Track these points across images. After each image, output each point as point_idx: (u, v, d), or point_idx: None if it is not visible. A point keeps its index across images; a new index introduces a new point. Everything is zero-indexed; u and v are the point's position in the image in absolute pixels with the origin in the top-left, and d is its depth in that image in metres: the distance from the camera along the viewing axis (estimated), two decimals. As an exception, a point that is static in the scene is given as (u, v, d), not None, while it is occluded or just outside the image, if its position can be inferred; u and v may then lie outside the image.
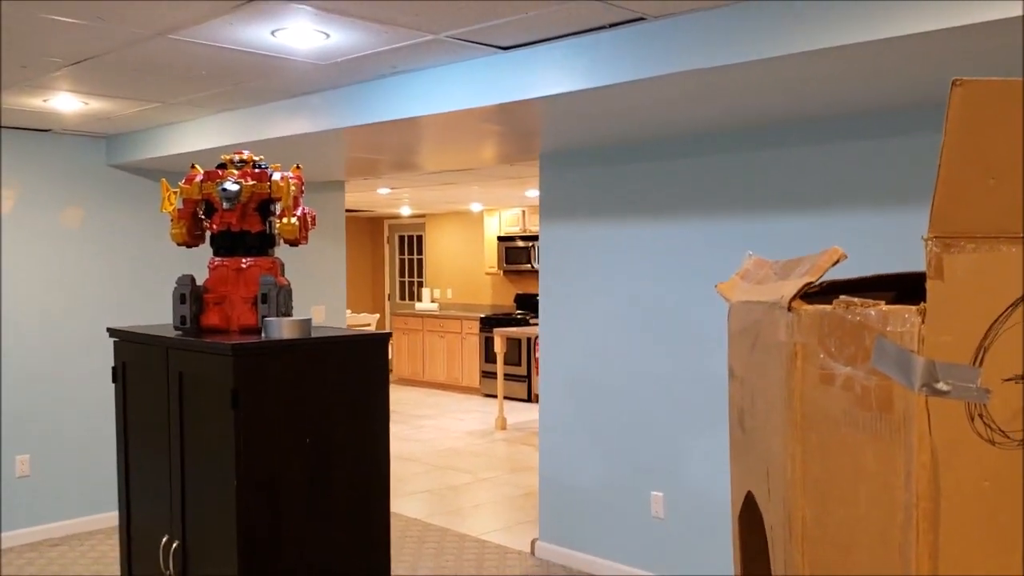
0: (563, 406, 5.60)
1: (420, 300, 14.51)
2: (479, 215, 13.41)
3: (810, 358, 1.51)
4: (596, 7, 3.21)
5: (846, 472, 1.46)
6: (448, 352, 13.16)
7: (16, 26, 3.48)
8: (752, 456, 1.82)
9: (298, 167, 3.16)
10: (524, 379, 11.90)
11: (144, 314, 6.09)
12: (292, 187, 3.04)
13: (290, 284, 3.09)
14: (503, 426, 10.12)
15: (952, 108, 1.26)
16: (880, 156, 4.16)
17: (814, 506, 1.53)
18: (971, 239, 1.30)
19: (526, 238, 12.56)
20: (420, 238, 14.89)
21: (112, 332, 3.30)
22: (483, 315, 12.79)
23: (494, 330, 10.57)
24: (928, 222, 1.30)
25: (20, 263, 5.95)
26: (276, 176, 3.06)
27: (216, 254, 3.12)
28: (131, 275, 6.41)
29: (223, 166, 3.08)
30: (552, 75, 3.69)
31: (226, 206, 3.01)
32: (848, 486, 1.46)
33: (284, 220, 3.04)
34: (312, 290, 7.34)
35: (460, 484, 7.71)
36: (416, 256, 15.06)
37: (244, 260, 3.08)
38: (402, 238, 15.32)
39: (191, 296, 3.01)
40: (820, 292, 1.72)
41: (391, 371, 12.04)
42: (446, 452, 8.99)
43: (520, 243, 12.70)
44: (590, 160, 5.38)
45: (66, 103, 5.00)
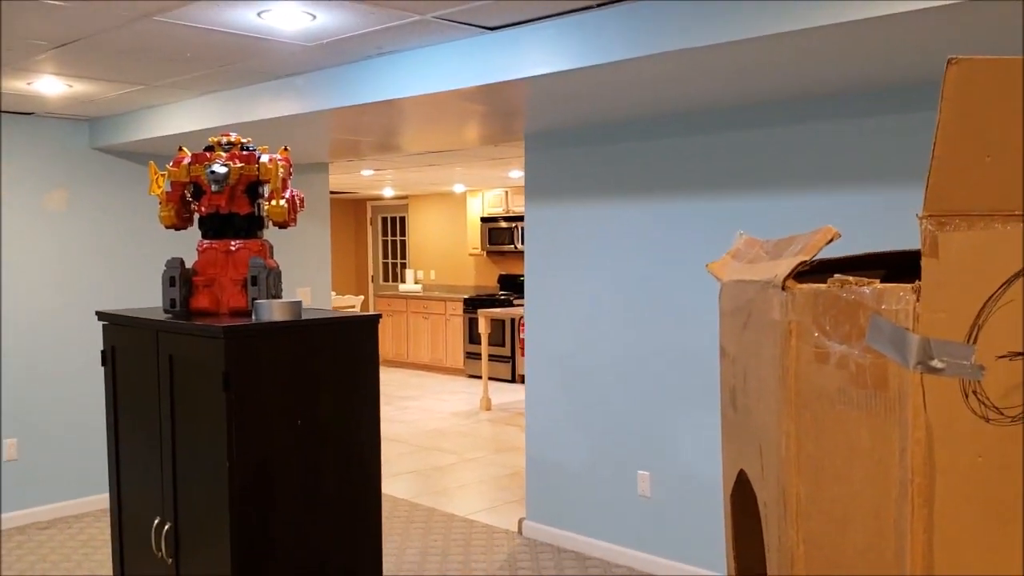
0: (549, 386, 5.62)
1: (404, 282, 14.49)
2: (462, 196, 13.39)
3: (804, 336, 1.52)
4: (583, -13, 3.21)
5: (840, 449, 1.48)
6: (432, 333, 13.16)
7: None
8: (745, 434, 1.84)
9: (286, 149, 3.15)
10: (508, 360, 11.92)
11: (131, 297, 6.06)
12: (280, 169, 3.03)
13: (279, 266, 3.09)
14: (488, 407, 10.14)
15: (948, 86, 1.26)
16: (868, 134, 4.17)
17: (808, 483, 1.54)
18: (966, 217, 1.31)
19: (509, 219, 12.55)
20: (403, 219, 14.86)
21: (101, 315, 3.29)
22: (467, 296, 12.79)
23: (478, 311, 10.58)
24: (923, 200, 1.31)
25: (5, 247, 5.91)
26: (264, 158, 3.04)
27: (205, 237, 3.11)
28: (118, 258, 6.38)
29: (211, 148, 3.06)
30: (539, 55, 3.69)
31: (214, 188, 2.99)
32: (842, 463, 1.48)
33: (273, 202, 3.03)
34: (297, 272, 7.33)
35: (446, 464, 7.73)
36: (399, 237, 15.04)
37: (233, 243, 3.07)
38: (385, 219, 15.28)
39: (180, 279, 3.00)
40: (811, 271, 1.73)
41: (375, 353, 12.04)
42: (431, 433, 9.01)
43: (503, 224, 12.69)
44: (576, 140, 5.38)
45: (50, 86, 4.96)
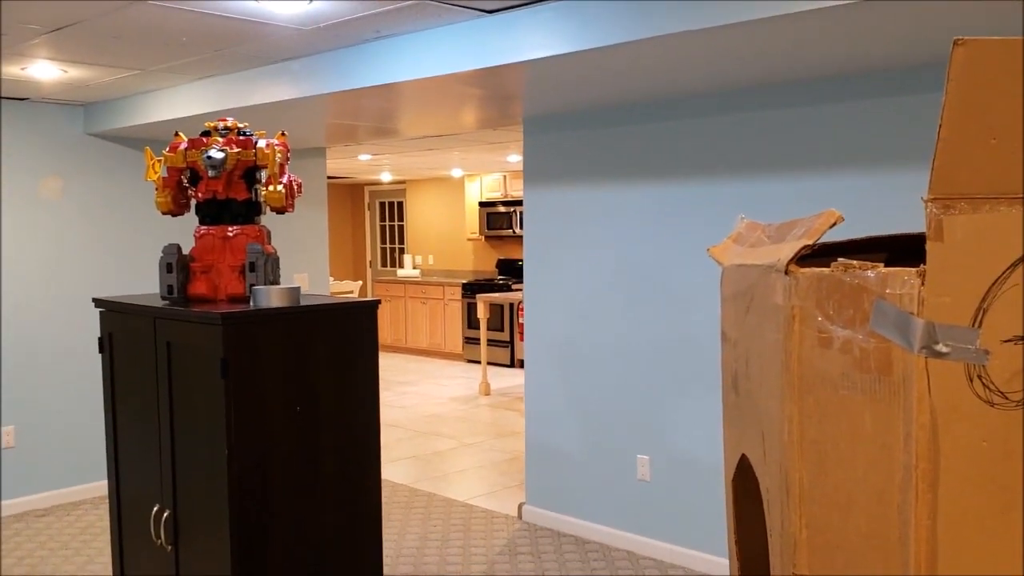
0: (548, 370, 5.61)
1: (402, 267, 14.47)
2: (460, 181, 13.36)
3: (808, 321, 1.51)
4: (582, -31, 3.18)
5: (844, 434, 1.47)
6: (430, 318, 13.15)
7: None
8: (747, 419, 1.83)
9: (283, 134, 3.13)
10: (507, 344, 11.92)
11: (129, 284, 6.05)
12: (278, 154, 3.01)
13: (277, 252, 3.08)
14: (487, 391, 10.14)
15: (953, 68, 1.25)
16: (870, 117, 4.15)
17: (811, 468, 1.53)
18: (971, 200, 1.30)
19: (507, 203, 12.53)
20: (401, 204, 14.83)
21: (98, 302, 3.28)
22: (465, 281, 12.78)
23: (477, 296, 10.56)
24: (928, 183, 1.30)
25: (1, 234, 5.90)
26: (261, 143, 3.03)
27: (202, 223, 3.09)
28: (115, 244, 6.36)
29: (207, 133, 3.05)
30: (536, 39, 3.66)
31: (211, 174, 2.98)
32: (846, 448, 1.47)
33: (270, 188, 3.02)
34: (295, 258, 7.32)
35: (445, 449, 7.73)
36: (397, 223, 15.01)
37: (230, 228, 3.05)
38: (383, 204, 15.25)
39: (177, 265, 2.99)
40: (814, 255, 1.71)
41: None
42: (430, 418, 9.01)
43: (501, 208, 12.67)
44: (575, 124, 5.36)
45: (44, 71, 4.92)
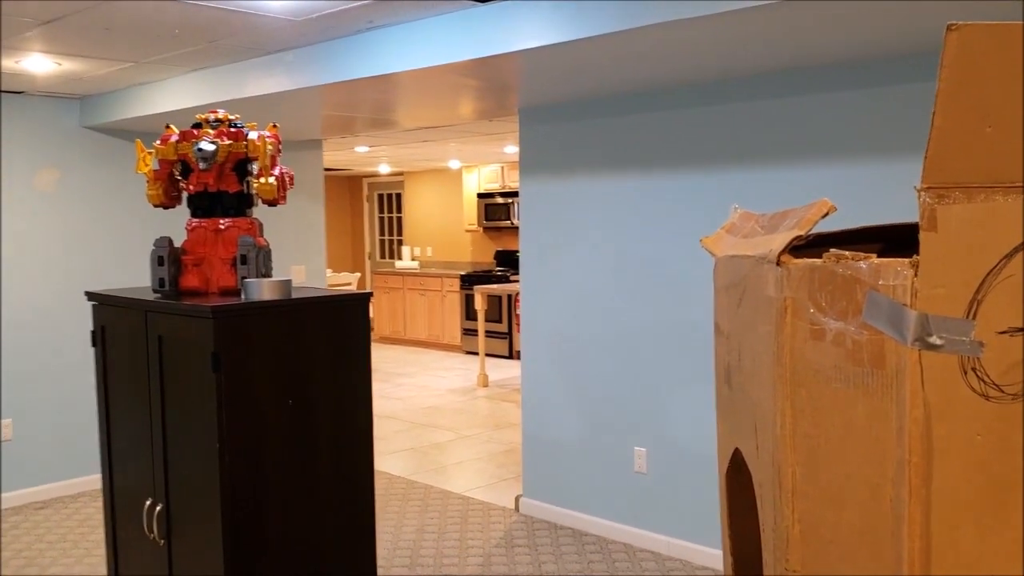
0: (545, 362, 5.59)
1: (400, 258, 14.45)
2: (458, 172, 13.33)
3: (800, 313, 1.49)
4: (576, -42, 3.15)
5: (837, 428, 1.45)
6: (429, 310, 13.13)
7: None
8: (739, 413, 1.81)
9: (274, 126, 3.11)
10: (505, 336, 11.90)
11: (125, 276, 6.03)
12: (269, 146, 2.98)
13: (269, 245, 3.05)
14: (485, 383, 10.13)
15: (947, 54, 1.22)
16: (867, 106, 4.13)
17: (804, 462, 1.51)
18: (966, 189, 1.28)
19: (505, 194, 12.50)
20: (399, 196, 14.80)
21: (90, 296, 3.25)
22: (463, 272, 12.75)
23: (474, 287, 10.54)
24: (921, 172, 1.27)
25: (1, 227, 5.87)
26: (252, 135, 3.00)
27: (194, 215, 3.07)
28: (109, 237, 6.34)
29: (198, 126, 3.02)
30: (531, 28, 3.63)
31: (202, 166, 2.95)
32: (838, 442, 1.45)
33: (262, 180, 2.99)
34: (292, 250, 7.31)
35: (443, 441, 7.72)
36: (396, 214, 14.98)
37: (222, 221, 3.03)
38: (381, 196, 15.22)
39: (169, 258, 2.96)
40: (807, 245, 1.69)
41: (372, 330, 12.01)
42: (428, 410, 8.99)
43: (499, 200, 12.64)
44: (570, 114, 5.33)
45: (38, 64, 4.90)
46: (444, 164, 12.87)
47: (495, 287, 10.76)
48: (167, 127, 3.07)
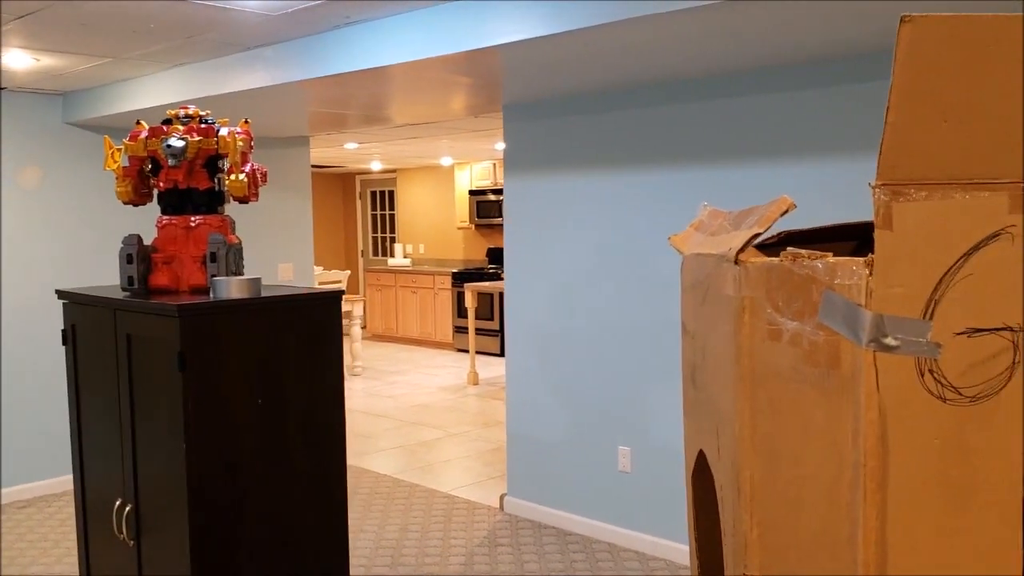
0: (530, 360, 5.56)
1: (393, 256, 14.40)
2: (450, 169, 13.29)
3: (758, 313, 1.45)
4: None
5: (795, 430, 1.42)
6: (421, 307, 13.09)
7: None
8: (703, 414, 1.77)
9: (246, 122, 3.07)
10: (496, 334, 11.85)
11: (108, 274, 5.98)
12: (240, 142, 2.94)
13: (241, 242, 3.01)
14: (475, 381, 10.09)
15: (901, 47, 1.19)
16: (842, 103, 4.09)
17: (763, 465, 1.48)
18: (922, 186, 1.24)
19: (497, 191, 12.45)
20: (392, 193, 14.75)
21: (61, 294, 3.22)
22: (455, 270, 12.71)
23: (465, 285, 10.50)
24: (876, 169, 1.24)
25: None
26: (223, 131, 2.96)
27: (164, 212, 3.03)
28: (91, 235, 6.29)
29: (168, 122, 2.98)
30: (510, 22, 3.59)
31: (172, 163, 2.91)
32: (797, 444, 1.42)
33: (232, 177, 2.95)
34: (280, 248, 7.27)
35: (431, 440, 7.69)
36: (388, 212, 14.93)
37: (193, 218, 2.99)
38: (374, 193, 15.17)
39: (138, 256, 2.92)
40: (778, 243, 1.66)
41: (364, 327, 11.93)
42: (418, 408, 8.95)
43: (491, 196, 12.60)
44: (554, 111, 5.30)
45: (17, 59, 4.85)
46: (436, 161, 12.82)
47: (485, 284, 10.72)
48: (137, 123, 3.03)
